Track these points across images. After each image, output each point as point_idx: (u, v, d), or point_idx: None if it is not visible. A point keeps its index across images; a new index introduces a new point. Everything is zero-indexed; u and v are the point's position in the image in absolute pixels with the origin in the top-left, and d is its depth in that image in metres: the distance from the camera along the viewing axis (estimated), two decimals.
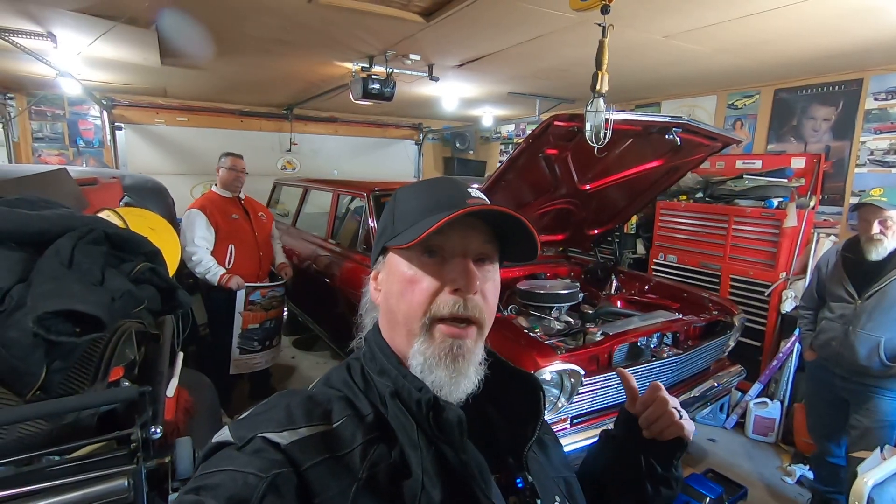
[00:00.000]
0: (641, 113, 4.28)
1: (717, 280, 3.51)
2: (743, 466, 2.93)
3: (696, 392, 2.48)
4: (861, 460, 1.76)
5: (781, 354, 3.20)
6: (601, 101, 1.87)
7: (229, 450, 0.55)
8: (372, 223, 3.26)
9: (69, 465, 0.92)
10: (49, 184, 2.04)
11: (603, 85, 1.85)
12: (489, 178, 2.58)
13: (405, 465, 0.56)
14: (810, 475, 2.73)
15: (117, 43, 2.90)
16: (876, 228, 2.11)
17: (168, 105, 5.44)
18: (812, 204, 3.30)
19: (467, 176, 6.42)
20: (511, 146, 6.66)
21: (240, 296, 3.00)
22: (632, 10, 2.14)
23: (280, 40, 2.90)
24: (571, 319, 2.61)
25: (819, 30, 2.37)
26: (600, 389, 2.13)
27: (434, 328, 0.61)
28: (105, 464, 0.93)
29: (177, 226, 2.70)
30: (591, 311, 2.80)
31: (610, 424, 0.83)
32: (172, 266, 1.72)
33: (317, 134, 6.38)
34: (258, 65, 3.60)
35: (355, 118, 6.51)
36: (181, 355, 1.48)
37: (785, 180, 3.31)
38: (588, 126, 1.90)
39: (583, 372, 2.01)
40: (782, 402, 3.20)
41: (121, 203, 2.37)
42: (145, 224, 1.87)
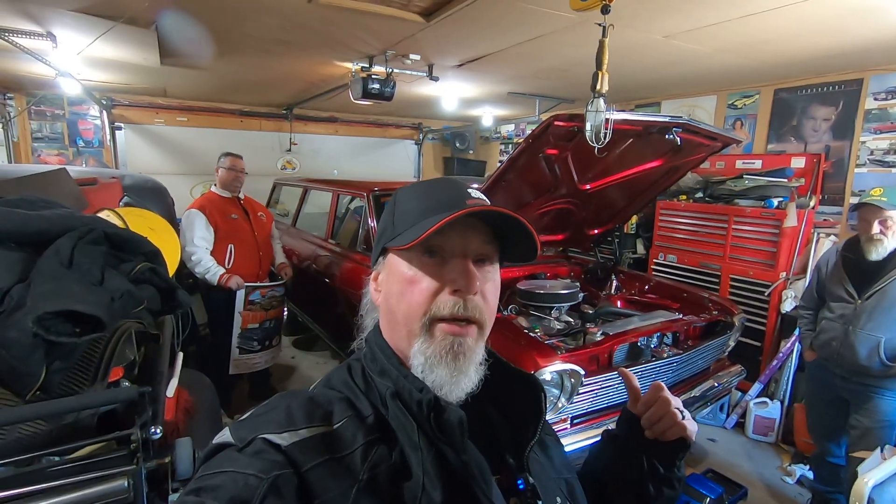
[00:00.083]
0: (641, 113, 4.28)
1: (717, 280, 3.51)
2: (743, 466, 2.93)
3: (697, 392, 2.48)
4: (861, 460, 1.76)
5: (781, 354, 3.20)
6: (601, 101, 1.87)
7: (230, 451, 0.55)
8: (372, 223, 3.25)
9: (69, 466, 0.92)
10: (49, 184, 2.04)
11: (603, 85, 1.85)
12: (489, 178, 2.57)
13: (406, 467, 0.56)
14: (810, 475, 2.73)
15: (117, 43, 2.90)
16: (876, 228, 2.12)
17: (168, 105, 5.43)
18: (812, 204, 3.30)
19: (467, 176, 6.41)
20: (511, 146, 6.65)
21: (239, 296, 3.00)
22: (632, 10, 2.14)
23: (280, 40, 2.90)
24: (571, 319, 2.61)
25: (819, 30, 2.37)
26: (600, 389, 2.13)
27: (434, 327, 0.61)
28: (105, 464, 0.93)
29: (176, 226, 2.70)
30: (591, 311, 2.80)
31: (610, 424, 0.83)
32: (172, 266, 1.72)
33: (317, 134, 6.38)
34: (258, 65, 3.59)
35: (355, 118, 6.51)
36: (181, 355, 1.48)
37: (785, 180, 3.31)
38: (588, 126, 1.90)
39: (583, 372, 2.01)
40: (782, 402, 3.20)
41: (120, 203, 2.37)
42: (145, 224, 1.87)
